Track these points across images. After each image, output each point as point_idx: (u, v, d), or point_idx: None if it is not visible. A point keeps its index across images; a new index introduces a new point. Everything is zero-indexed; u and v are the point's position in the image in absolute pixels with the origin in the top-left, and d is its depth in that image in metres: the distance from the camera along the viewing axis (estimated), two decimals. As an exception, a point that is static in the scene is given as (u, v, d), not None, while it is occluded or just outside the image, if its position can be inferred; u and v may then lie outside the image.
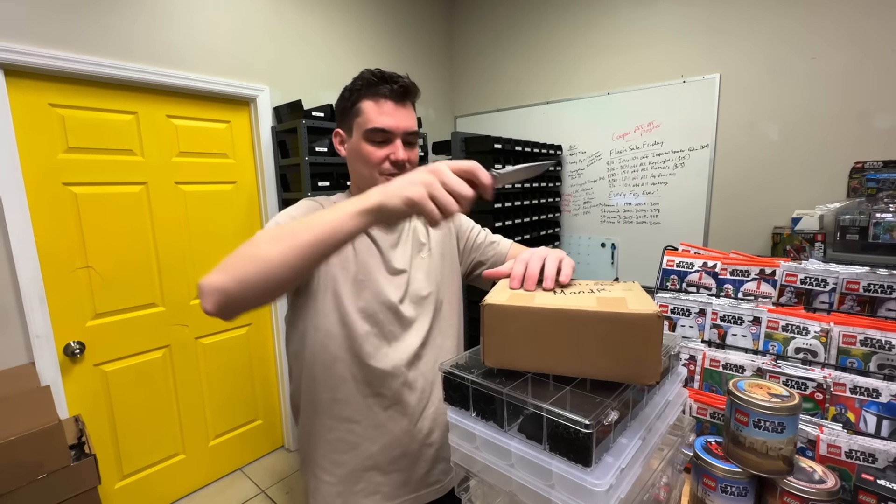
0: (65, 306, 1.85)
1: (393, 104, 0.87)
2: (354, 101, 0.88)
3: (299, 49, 2.53)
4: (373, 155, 0.87)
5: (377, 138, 0.86)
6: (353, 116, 0.88)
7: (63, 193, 1.83)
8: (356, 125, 0.88)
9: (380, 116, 0.86)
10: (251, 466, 2.55)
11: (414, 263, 0.97)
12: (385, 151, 0.87)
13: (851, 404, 0.82)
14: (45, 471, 1.35)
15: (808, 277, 0.96)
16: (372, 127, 0.85)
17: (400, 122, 0.87)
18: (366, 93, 0.87)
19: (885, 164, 1.96)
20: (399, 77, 0.87)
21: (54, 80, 1.78)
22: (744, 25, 2.31)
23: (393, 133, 0.87)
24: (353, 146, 0.90)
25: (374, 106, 0.86)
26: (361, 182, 0.91)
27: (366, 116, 0.86)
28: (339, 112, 0.93)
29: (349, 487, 0.90)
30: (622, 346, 0.55)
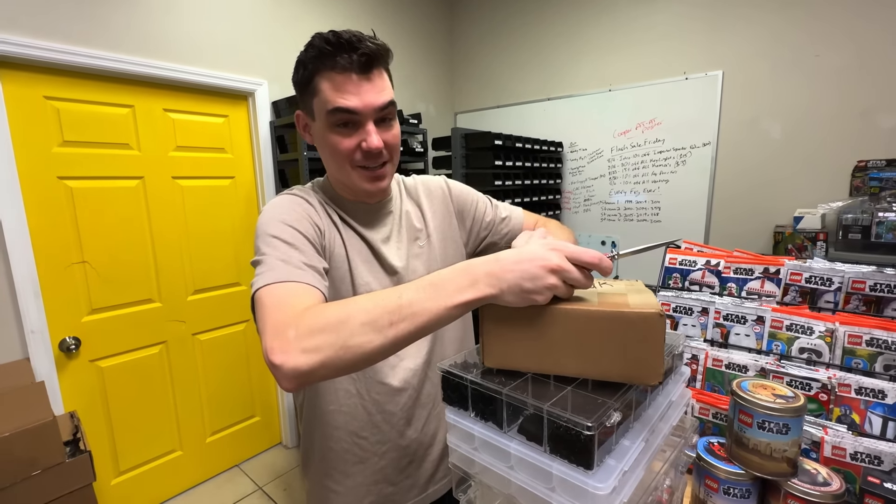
0: (60, 301, 1.84)
1: (355, 77, 0.69)
2: (309, 75, 0.71)
3: (298, 43, 2.46)
4: (340, 145, 0.72)
5: (341, 121, 0.71)
6: (311, 95, 0.72)
7: (58, 187, 1.81)
8: (316, 106, 0.72)
9: (339, 95, 0.69)
10: (248, 463, 2.54)
11: (411, 254, 0.86)
12: (354, 140, 0.72)
13: (857, 405, 0.80)
14: (40, 467, 1.33)
15: (813, 276, 0.95)
16: (332, 107, 0.69)
17: (367, 98, 0.69)
18: (321, 65, 0.69)
19: (889, 163, 1.95)
20: (360, 41, 0.68)
21: (49, 72, 1.75)
22: (746, 22, 2.28)
23: (361, 114, 0.70)
24: (318, 132, 0.74)
25: (332, 81, 0.69)
26: (336, 174, 0.78)
27: (324, 96, 0.70)
28: (297, 89, 0.76)
29: (359, 499, 0.86)
30: (624, 346, 0.54)
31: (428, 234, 0.90)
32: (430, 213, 0.91)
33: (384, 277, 0.83)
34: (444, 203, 0.94)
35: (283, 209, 0.73)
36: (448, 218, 0.93)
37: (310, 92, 0.72)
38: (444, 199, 0.94)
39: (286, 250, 0.65)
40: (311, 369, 0.50)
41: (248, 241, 2.43)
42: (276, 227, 0.69)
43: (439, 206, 0.93)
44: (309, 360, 0.50)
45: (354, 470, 0.85)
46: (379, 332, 0.51)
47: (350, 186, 0.79)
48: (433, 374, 0.87)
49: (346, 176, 0.76)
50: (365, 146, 0.72)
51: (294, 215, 0.72)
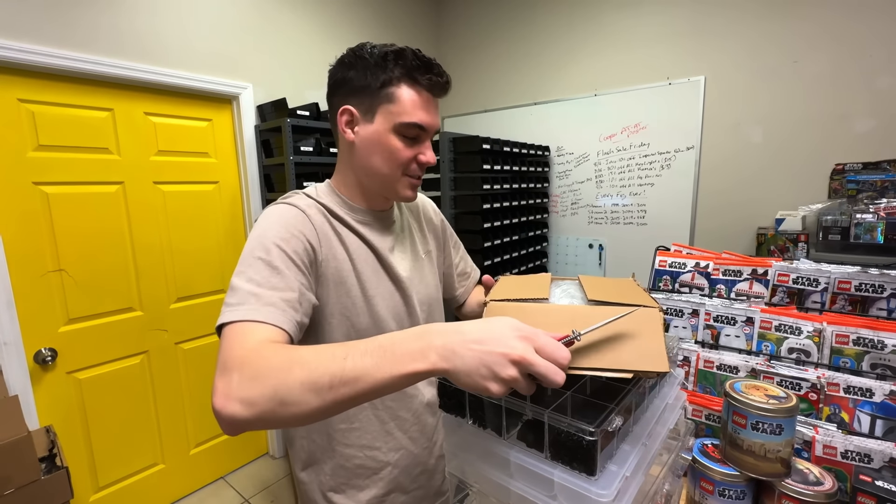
0: (35, 311, 1.77)
1: (433, 99, 0.76)
2: (387, 80, 0.72)
3: (284, 46, 2.47)
4: (401, 153, 0.75)
5: (411, 134, 0.74)
6: (382, 100, 0.73)
7: (33, 193, 1.74)
8: (383, 111, 0.73)
9: (421, 111, 0.74)
10: (234, 475, 2.47)
11: (415, 266, 0.89)
12: (414, 151, 0.76)
13: (845, 404, 0.81)
14: (14, 486, 1.27)
15: (800, 277, 0.97)
16: (410, 121, 0.73)
17: (435, 119, 0.77)
18: (406, 76, 0.72)
19: (865, 166, 2.01)
20: (442, 69, 0.76)
21: (24, 74, 1.69)
22: (728, 28, 2.34)
23: (427, 132, 0.76)
24: (375, 135, 0.74)
25: (417, 97, 0.73)
26: (371, 177, 0.78)
27: (403, 104, 0.72)
28: (353, 86, 0.74)
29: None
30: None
31: (428, 249, 0.95)
32: (428, 233, 0.97)
33: (390, 285, 0.83)
34: (434, 228, 1.00)
35: (276, 225, 0.71)
36: (438, 243, 1.00)
37: (382, 95, 0.73)
38: (438, 224, 1.01)
39: (266, 277, 0.63)
40: (246, 421, 0.49)
41: (232, 246, 2.39)
42: (262, 248, 0.67)
43: (432, 228, 0.99)
44: (245, 412, 0.48)
45: (367, 483, 0.83)
46: (317, 395, 0.47)
47: (385, 189, 0.80)
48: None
49: (393, 181, 0.78)
50: (423, 159, 0.77)
51: (285, 232, 0.70)
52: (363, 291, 0.78)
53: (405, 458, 0.85)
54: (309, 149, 2.20)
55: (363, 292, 0.78)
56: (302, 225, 0.72)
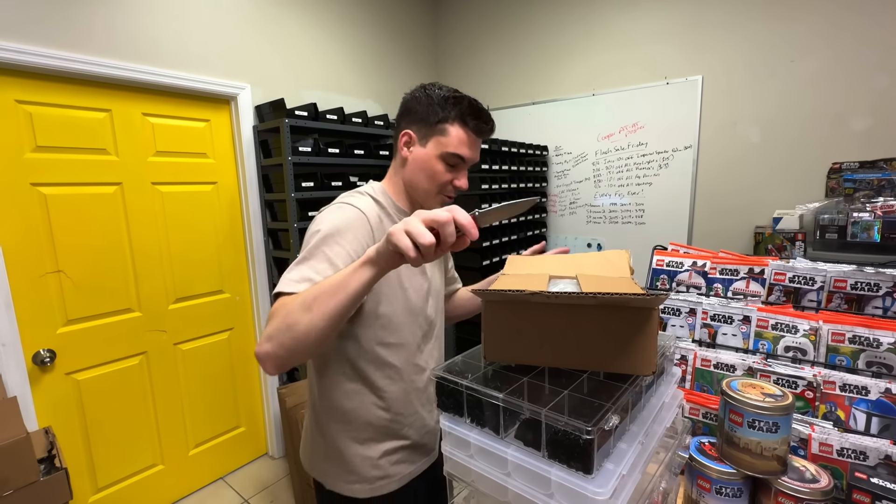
0: (33, 313, 1.77)
1: (475, 139, 0.93)
2: (444, 118, 0.90)
3: (282, 47, 2.47)
4: (442, 176, 0.92)
5: (452, 162, 0.91)
6: (437, 133, 0.91)
7: (31, 194, 1.74)
8: (435, 140, 0.91)
9: (464, 147, 0.91)
10: (233, 475, 2.47)
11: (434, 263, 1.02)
12: (452, 176, 0.93)
13: (841, 402, 0.82)
14: (12, 487, 1.27)
15: (796, 276, 0.97)
16: (455, 153, 0.90)
17: (475, 155, 0.94)
18: (459, 118, 0.90)
19: (862, 165, 2.02)
20: (490, 116, 0.94)
21: (21, 75, 1.69)
22: (725, 29, 2.35)
23: (466, 163, 0.93)
24: (424, 157, 0.92)
25: (465, 136, 0.90)
26: (414, 189, 0.95)
27: (451, 140, 0.90)
28: (418, 117, 0.92)
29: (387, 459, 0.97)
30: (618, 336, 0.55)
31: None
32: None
33: (419, 279, 0.97)
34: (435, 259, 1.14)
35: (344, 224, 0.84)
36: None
37: (437, 128, 0.91)
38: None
39: (324, 270, 0.77)
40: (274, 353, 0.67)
41: (231, 246, 2.39)
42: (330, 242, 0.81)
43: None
44: (270, 347, 0.67)
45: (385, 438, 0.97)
46: (307, 311, 0.65)
47: (422, 200, 0.96)
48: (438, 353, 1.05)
49: (429, 197, 0.94)
50: (458, 184, 0.94)
51: (349, 235, 0.83)
52: (400, 283, 0.92)
53: (417, 420, 1.00)
54: (307, 149, 2.20)
55: (400, 284, 0.92)
56: (362, 226, 0.86)
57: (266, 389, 2.56)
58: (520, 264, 0.75)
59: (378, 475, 0.96)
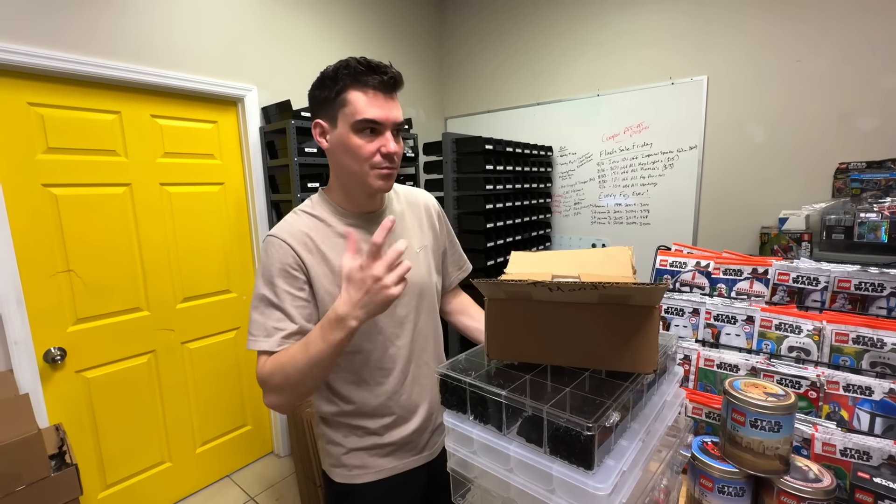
0: (45, 311, 1.80)
1: (383, 95, 0.84)
2: (340, 90, 0.84)
3: (288, 49, 2.50)
4: (363, 148, 0.84)
5: (367, 130, 0.84)
6: (339, 107, 0.84)
7: (42, 195, 1.77)
8: (342, 115, 0.84)
9: (369, 108, 0.83)
10: (240, 473, 2.50)
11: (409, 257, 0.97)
12: (375, 144, 0.84)
13: (845, 402, 0.82)
14: (24, 482, 1.30)
15: (800, 276, 0.97)
16: (362, 118, 0.82)
17: (390, 113, 0.85)
18: (353, 82, 0.83)
19: (869, 165, 2.00)
20: (387, 67, 0.85)
21: (33, 78, 1.72)
22: (730, 28, 2.34)
23: (383, 125, 0.84)
24: (339, 138, 0.86)
25: (364, 96, 0.83)
26: (347, 176, 0.89)
27: (354, 107, 0.83)
28: (319, 101, 0.88)
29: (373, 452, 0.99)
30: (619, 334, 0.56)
31: (424, 244, 1.03)
32: (427, 229, 1.06)
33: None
34: (433, 225, 1.08)
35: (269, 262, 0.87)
36: (436, 238, 1.09)
37: (338, 103, 0.85)
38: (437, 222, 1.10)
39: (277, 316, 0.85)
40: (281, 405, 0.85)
41: (237, 247, 2.41)
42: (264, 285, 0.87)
43: (431, 225, 1.08)
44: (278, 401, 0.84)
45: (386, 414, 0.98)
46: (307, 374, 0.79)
47: (361, 187, 0.90)
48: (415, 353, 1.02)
49: (362, 176, 0.87)
50: (385, 150, 0.85)
51: (274, 269, 0.87)
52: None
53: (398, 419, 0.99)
54: (313, 150, 2.22)
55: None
56: (285, 257, 0.87)
57: (272, 388, 2.58)
58: (523, 262, 0.75)
59: (356, 463, 0.97)
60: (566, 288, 0.55)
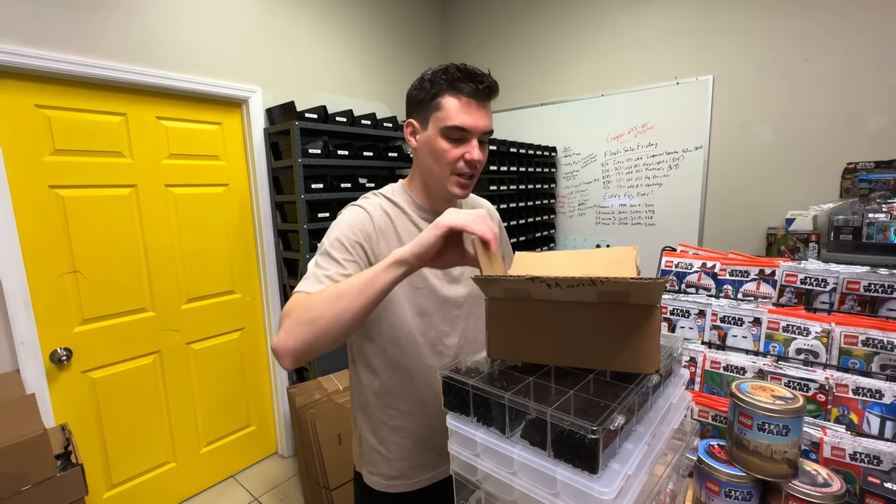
0: (51, 312, 1.81)
1: (476, 103, 0.85)
2: (435, 93, 0.85)
3: (292, 50, 2.50)
4: (448, 153, 0.85)
5: (455, 136, 0.85)
6: (432, 110, 0.86)
7: (49, 196, 1.78)
8: (433, 119, 0.86)
9: (461, 115, 0.84)
10: (244, 473, 2.50)
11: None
12: (460, 150, 0.86)
13: (854, 405, 0.81)
14: (30, 482, 1.30)
15: (808, 277, 0.96)
16: (452, 125, 0.83)
17: (479, 122, 0.85)
18: (448, 87, 0.84)
19: (877, 165, 1.98)
20: (484, 75, 0.85)
21: (40, 80, 1.74)
22: (736, 28, 2.32)
23: (471, 132, 0.85)
24: (427, 140, 0.88)
25: (457, 103, 0.84)
26: (429, 176, 0.91)
27: (446, 112, 0.84)
28: (415, 102, 0.90)
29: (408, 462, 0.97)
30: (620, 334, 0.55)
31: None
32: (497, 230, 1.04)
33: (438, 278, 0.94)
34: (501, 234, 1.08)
35: (343, 224, 0.87)
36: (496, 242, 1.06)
37: (432, 106, 0.86)
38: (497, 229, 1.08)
39: (328, 264, 0.82)
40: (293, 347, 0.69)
41: (242, 248, 2.42)
42: (329, 243, 0.85)
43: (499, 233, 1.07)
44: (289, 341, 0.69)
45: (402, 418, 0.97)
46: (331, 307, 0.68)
47: (437, 188, 0.91)
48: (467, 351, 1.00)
49: (443, 179, 0.88)
50: (469, 157, 0.86)
51: (348, 231, 0.86)
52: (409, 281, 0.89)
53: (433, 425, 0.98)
54: (317, 151, 2.22)
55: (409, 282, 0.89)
56: (363, 224, 0.88)
57: (276, 389, 2.59)
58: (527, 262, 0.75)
59: (392, 473, 0.96)
60: (564, 284, 0.53)
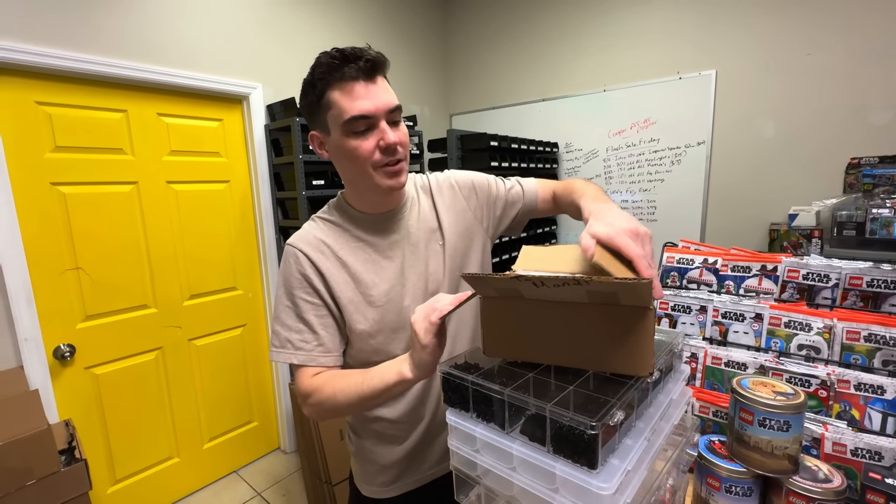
0: (54, 308, 1.82)
1: (364, 84, 0.74)
2: (321, 92, 0.76)
3: (293, 46, 2.50)
4: (360, 149, 0.76)
5: (359, 128, 0.75)
6: (325, 111, 0.77)
7: (51, 193, 1.79)
8: (330, 119, 0.77)
9: (354, 102, 0.73)
10: (247, 469, 2.52)
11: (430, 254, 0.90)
12: (372, 141, 0.76)
13: (856, 401, 0.80)
14: (35, 477, 1.32)
15: (810, 273, 0.95)
16: (349, 117, 0.74)
17: (378, 100, 0.75)
18: (330, 80, 0.74)
19: (881, 160, 1.96)
20: (362, 51, 0.74)
21: (41, 77, 1.74)
22: (739, 21, 2.30)
23: (374, 117, 0.75)
24: (335, 144, 0.79)
25: (346, 90, 0.74)
26: (357, 180, 0.82)
27: (338, 107, 0.74)
28: (307, 111, 0.80)
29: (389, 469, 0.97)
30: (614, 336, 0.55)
31: (443, 235, 0.92)
32: (444, 213, 0.93)
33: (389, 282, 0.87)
34: (454, 198, 0.96)
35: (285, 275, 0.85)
36: (461, 213, 0.95)
37: (323, 107, 0.77)
38: (454, 194, 0.97)
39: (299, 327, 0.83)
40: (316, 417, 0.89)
41: (243, 244, 2.42)
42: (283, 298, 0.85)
43: (450, 202, 0.96)
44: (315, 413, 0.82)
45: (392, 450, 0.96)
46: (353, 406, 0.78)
47: (372, 189, 0.82)
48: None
49: (368, 179, 0.79)
50: (383, 143, 0.76)
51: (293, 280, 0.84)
52: (367, 298, 0.85)
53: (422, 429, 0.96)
54: (318, 147, 2.21)
55: (367, 299, 0.85)
56: (302, 266, 0.83)
57: (278, 385, 2.60)
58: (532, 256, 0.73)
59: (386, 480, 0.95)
60: (550, 283, 0.53)
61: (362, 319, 0.84)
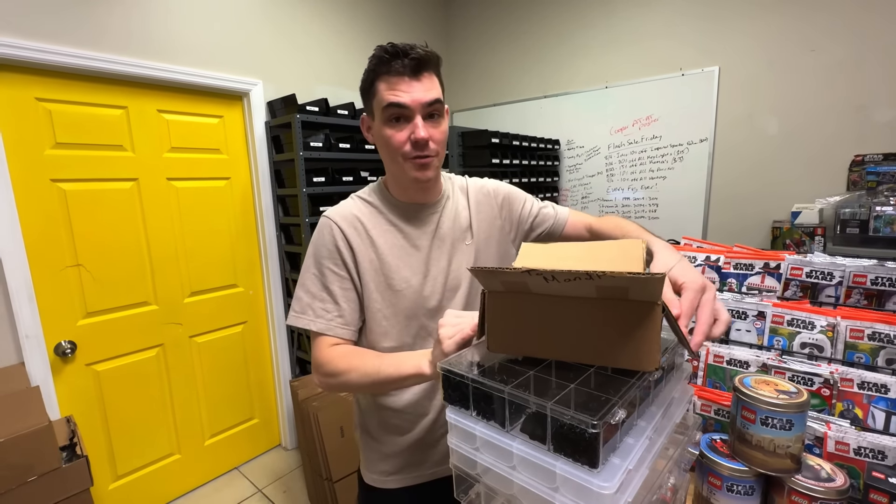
0: (55, 305, 1.82)
1: (407, 78, 0.80)
2: (371, 81, 0.83)
3: (293, 43, 2.49)
4: (393, 138, 0.82)
5: (394, 116, 0.81)
6: (372, 97, 0.84)
7: (51, 190, 1.79)
8: (375, 107, 0.83)
9: (394, 92, 0.79)
10: (248, 465, 2.52)
11: (456, 252, 0.93)
12: (405, 132, 0.81)
13: (859, 400, 0.80)
14: (36, 473, 1.32)
15: (813, 271, 0.95)
16: (386, 103, 0.79)
17: (416, 94, 0.79)
18: (380, 71, 0.81)
19: (886, 157, 1.95)
20: (412, 48, 0.79)
21: (41, 73, 1.73)
22: (742, 18, 2.28)
23: (410, 109, 0.80)
24: (376, 130, 0.85)
25: (388, 82, 0.80)
26: (391, 167, 0.88)
27: (380, 96, 0.81)
28: (362, 95, 0.88)
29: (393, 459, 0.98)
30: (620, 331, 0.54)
31: (473, 234, 0.96)
32: (475, 214, 0.98)
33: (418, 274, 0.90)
34: (490, 205, 1.01)
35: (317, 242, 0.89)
36: (493, 220, 1.00)
37: (370, 95, 0.84)
38: (490, 201, 1.02)
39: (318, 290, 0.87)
40: (328, 388, 0.86)
41: (244, 241, 2.42)
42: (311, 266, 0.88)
43: (485, 207, 1.00)
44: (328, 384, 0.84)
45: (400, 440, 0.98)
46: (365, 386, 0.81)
47: (401, 178, 0.88)
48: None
49: (399, 167, 0.85)
50: (414, 137, 0.80)
51: (324, 249, 0.87)
52: (388, 280, 0.88)
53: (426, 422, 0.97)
54: (318, 144, 2.21)
55: (386, 280, 0.88)
56: (335, 240, 0.87)
57: (279, 382, 2.60)
58: (533, 253, 0.73)
59: (387, 469, 0.97)
60: (561, 277, 0.52)
61: (379, 299, 0.88)
